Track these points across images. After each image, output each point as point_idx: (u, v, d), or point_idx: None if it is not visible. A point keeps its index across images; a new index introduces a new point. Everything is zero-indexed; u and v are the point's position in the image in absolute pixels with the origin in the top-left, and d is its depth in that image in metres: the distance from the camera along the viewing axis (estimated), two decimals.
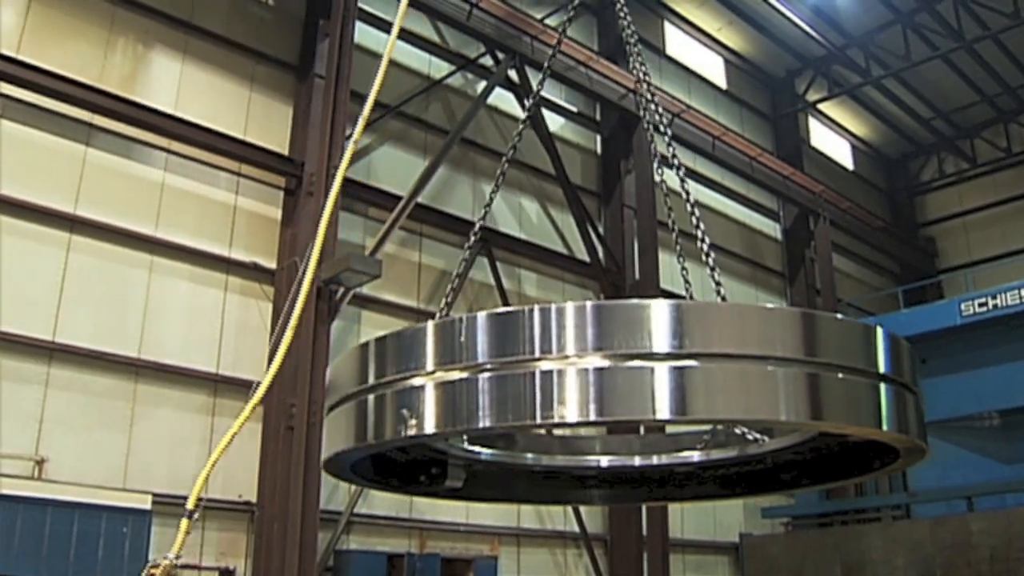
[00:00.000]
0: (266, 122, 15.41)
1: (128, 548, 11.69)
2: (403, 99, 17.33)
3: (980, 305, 17.47)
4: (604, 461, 6.54)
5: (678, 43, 25.25)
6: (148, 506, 12.10)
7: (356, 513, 14.95)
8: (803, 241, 26.04)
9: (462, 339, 4.12)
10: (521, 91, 18.95)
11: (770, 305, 4.39)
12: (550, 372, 3.91)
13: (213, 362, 13.93)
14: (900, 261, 30.13)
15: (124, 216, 13.41)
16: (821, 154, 29.42)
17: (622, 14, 8.15)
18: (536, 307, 4.05)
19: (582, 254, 19.61)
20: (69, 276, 12.81)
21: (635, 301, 4.14)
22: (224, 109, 14.94)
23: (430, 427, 4.14)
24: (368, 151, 16.69)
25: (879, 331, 4.29)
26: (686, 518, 20.28)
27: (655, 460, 6.41)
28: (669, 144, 6.92)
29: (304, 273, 7.40)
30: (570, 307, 4.00)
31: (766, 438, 5.69)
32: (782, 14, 24.09)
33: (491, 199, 7.82)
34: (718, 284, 6.14)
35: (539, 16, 19.63)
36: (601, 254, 19.77)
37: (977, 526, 15.72)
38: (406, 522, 15.62)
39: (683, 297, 6.81)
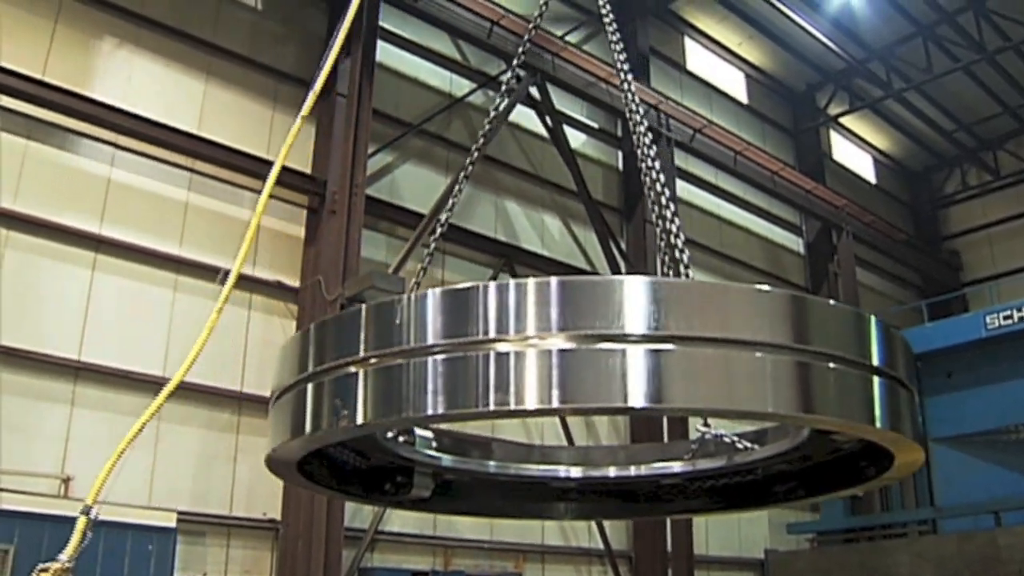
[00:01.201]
0: None
1: (154, 566, 11.74)
2: (425, 117, 17.39)
3: (1005, 318, 17.33)
4: (587, 472, 6.11)
5: (699, 59, 25.26)
6: (173, 524, 12.15)
7: (380, 531, 14.96)
8: (826, 255, 25.95)
9: (397, 322, 3.72)
10: (542, 108, 19.00)
11: (758, 286, 4.05)
12: (506, 354, 3.50)
13: (237, 380, 13.98)
14: (924, 274, 29.98)
15: (148, 235, 13.49)
16: (843, 168, 29.35)
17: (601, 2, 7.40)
18: (492, 283, 3.63)
19: (604, 270, 19.60)
20: (95, 295, 12.90)
21: (606, 277, 3.80)
22: (247, 129, 15.02)
23: (362, 418, 3.74)
24: (390, 169, 16.75)
25: (872, 320, 3.96)
26: (711, 534, 20.20)
27: (640, 471, 5.99)
28: (645, 134, 6.39)
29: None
30: (531, 283, 3.60)
31: (755, 446, 5.33)
32: (802, 28, 24.04)
33: (459, 191, 7.19)
34: (686, 268, 5.34)
35: (560, 33, 19.68)
36: (624, 270, 19.75)
37: (1005, 541, 15.57)
38: (430, 539, 15.61)
39: None
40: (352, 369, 3.83)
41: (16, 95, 12.53)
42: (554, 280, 3.58)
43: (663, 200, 5.83)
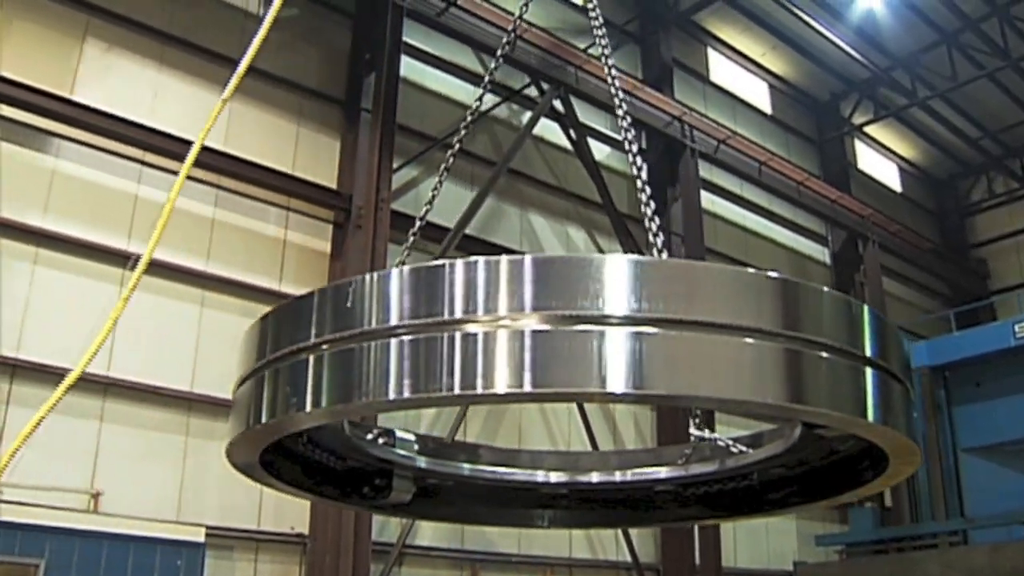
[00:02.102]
0: (314, 156, 15.56)
1: None
2: (449, 131, 17.43)
3: None
4: (576, 478, 5.88)
5: (722, 70, 25.25)
6: (201, 539, 12.20)
7: (408, 545, 14.96)
8: (852, 265, 25.83)
9: (348, 304, 3.57)
10: (566, 121, 19.04)
11: (749, 269, 3.83)
12: (474, 335, 3.30)
13: None
14: (951, 283, 29.80)
15: (176, 252, 13.56)
16: (868, 177, 29.24)
17: None
18: (460, 260, 3.43)
19: None
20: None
21: (585, 255, 3.62)
22: (272, 145, 15.10)
23: (310, 405, 3.58)
24: (415, 183, 16.80)
25: (865, 309, 3.79)
26: (739, 546, 20.13)
27: (632, 477, 5.77)
28: (622, 118, 6.18)
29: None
30: (504, 260, 3.40)
31: (750, 450, 5.14)
32: (825, 38, 23.97)
33: (434, 195, 6.97)
34: (659, 252, 5.13)
35: (583, 46, 19.70)
36: None
37: None
38: (458, 553, 15.61)
39: None
40: (303, 355, 3.67)
41: (43, 113, 12.65)
42: (528, 257, 3.41)
43: (639, 184, 5.73)
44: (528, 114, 18.74)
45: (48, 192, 12.76)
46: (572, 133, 19.17)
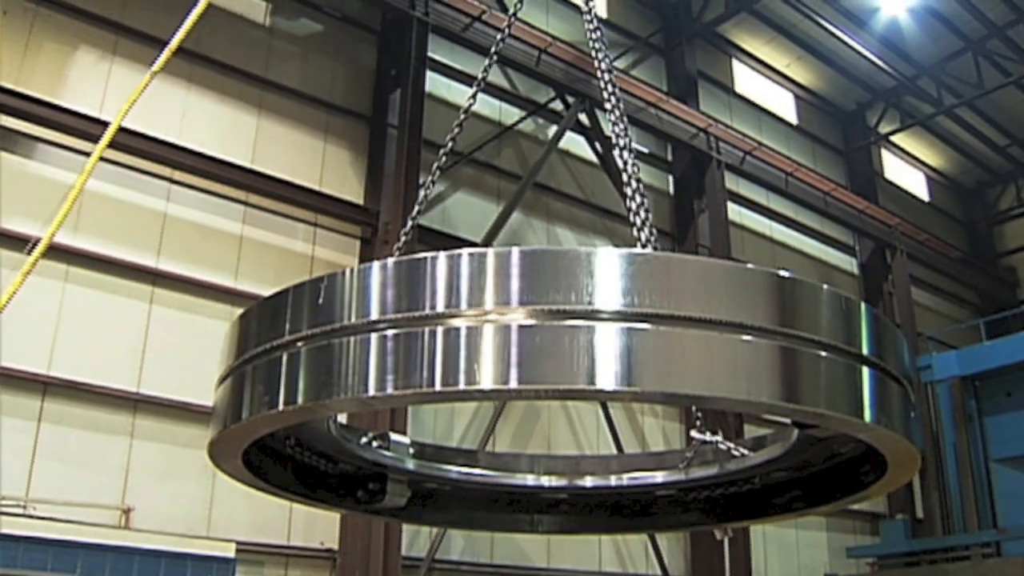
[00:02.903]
0: (341, 173, 15.64)
1: None
2: (475, 146, 17.49)
3: None
4: (575, 482, 5.75)
5: (747, 81, 25.23)
6: (232, 554, 12.21)
7: (437, 559, 14.96)
8: (880, 275, 25.70)
9: (320, 300, 3.47)
10: (592, 134, 19.07)
11: (744, 265, 3.71)
12: (457, 330, 3.20)
13: None
14: (980, 292, 29.62)
15: (204, 269, 13.66)
16: (896, 186, 29.11)
17: None
18: (443, 253, 3.36)
19: None
20: (152, 328, 13.07)
21: (575, 248, 3.41)
22: (299, 161, 15.19)
23: (283, 403, 3.49)
24: (442, 198, 16.86)
25: (862, 307, 3.67)
26: (769, 558, 20.03)
27: (632, 481, 5.66)
28: (616, 123, 5.97)
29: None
30: (491, 253, 3.30)
31: (750, 452, 5.03)
32: (850, 47, 23.92)
33: (425, 196, 6.85)
34: (644, 246, 5.02)
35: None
36: None
37: None
38: (488, 568, 15.60)
39: None
40: (277, 353, 3.60)
41: (74, 134, 12.76)
42: (515, 249, 3.30)
43: (625, 177, 5.56)
44: (554, 128, 18.78)
45: (78, 211, 12.84)
46: (598, 146, 19.19)
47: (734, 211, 21.70)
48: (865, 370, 3.56)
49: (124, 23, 13.97)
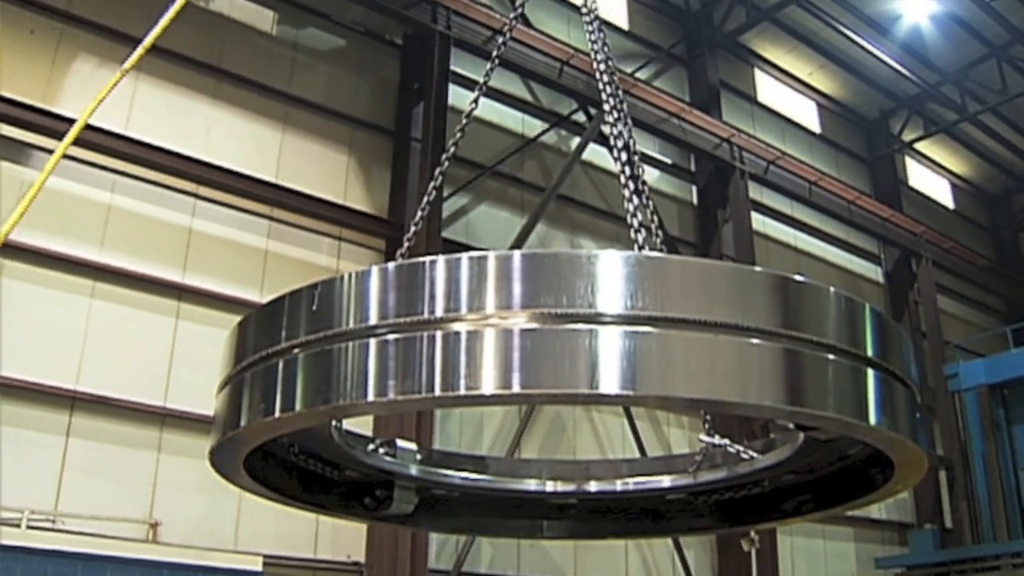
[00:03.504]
0: (365, 186, 15.70)
1: None
2: (499, 158, 17.51)
3: None
4: (583, 487, 5.74)
5: (770, 90, 25.20)
6: (259, 567, 12.24)
7: (463, 572, 14.95)
8: (906, 284, 25.54)
9: (313, 307, 3.47)
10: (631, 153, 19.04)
11: (745, 266, 3.64)
12: (458, 334, 3.18)
13: None
14: (1007, 300, 29.39)
15: (230, 283, 13.71)
16: (920, 194, 28.96)
17: None
18: (442, 256, 3.36)
19: None
20: (178, 343, 13.13)
21: (576, 251, 3.44)
22: (324, 175, 15.25)
23: (279, 410, 3.50)
24: (466, 211, 16.90)
25: (867, 308, 3.66)
26: (797, 569, 19.92)
27: (642, 486, 5.65)
28: (615, 124, 5.98)
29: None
30: (492, 256, 3.31)
31: (759, 455, 5.02)
32: (872, 55, 23.89)
33: (427, 201, 6.83)
34: (640, 248, 4.92)
35: (629, 70, 19.78)
36: None
37: None
38: None
39: None
40: (274, 360, 3.59)
41: (100, 150, 12.86)
42: (518, 253, 3.34)
43: (622, 179, 5.53)
44: (576, 139, 18.80)
45: (104, 227, 12.95)
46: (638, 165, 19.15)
47: (758, 221, 21.65)
48: (870, 372, 3.55)
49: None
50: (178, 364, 13.03)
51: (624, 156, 5.66)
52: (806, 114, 26.24)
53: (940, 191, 30.21)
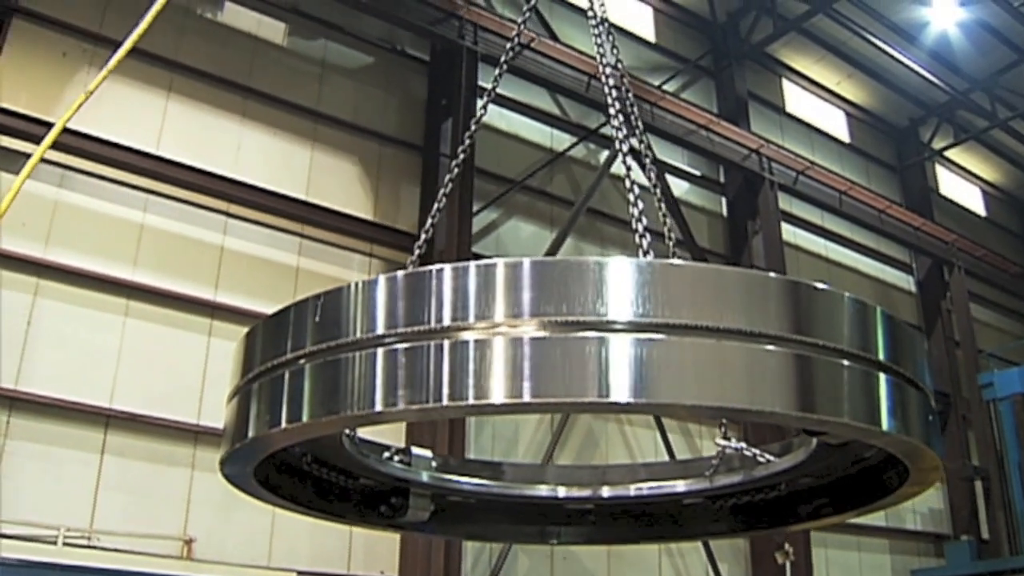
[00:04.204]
0: (394, 203, 15.75)
1: None
2: (527, 173, 17.54)
3: None
4: (603, 492, 5.71)
5: (798, 100, 25.12)
6: None
7: None
8: (938, 293, 25.33)
9: (316, 318, 3.47)
10: (643, 158, 19.03)
11: (755, 271, 3.58)
12: (466, 343, 3.16)
13: None
14: None
15: (262, 301, 13.74)
16: (952, 202, 28.73)
17: None
18: (449, 265, 3.34)
19: None
20: (211, 360, 13.20)
21: (585, 258, 3.37)
22: (353, 192, 15.32)
23: (285, 421, 3.50)
24: (496, 226, 16.92)
25: (878, 312, 3.63)
26: None
27: (658, 490, 5.61)
28: (619, 128, 5.91)
29: None
30: (500, 264, 3.28)
31: (774, 458, 5.02)
32: (901, 63, 23.74)
33: (438, 206, 6.77)
34: (645, 253, 4.82)
35: (656, 83, 19.77)
36: None
37: None
38: None
39: None
40: (280, 371, 3.59)
41: (133, 170, 12.99)
42: (527, 261, 3.29)
43: (627, 183, 5.56)
44: (605, 153, 18.79)
45: (137, 246, 13.05)
46: (656, 174, 19.16)
47: (788, 231, 21.57)
48: (882, 376, 3.53)
49: (179, 60, 14.18)
50: (211, 381, 13.09)
51: (629, 161, 5.80)
52: (835, 124, 26.14)
53: (971, 199, 29.99)
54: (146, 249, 13.07)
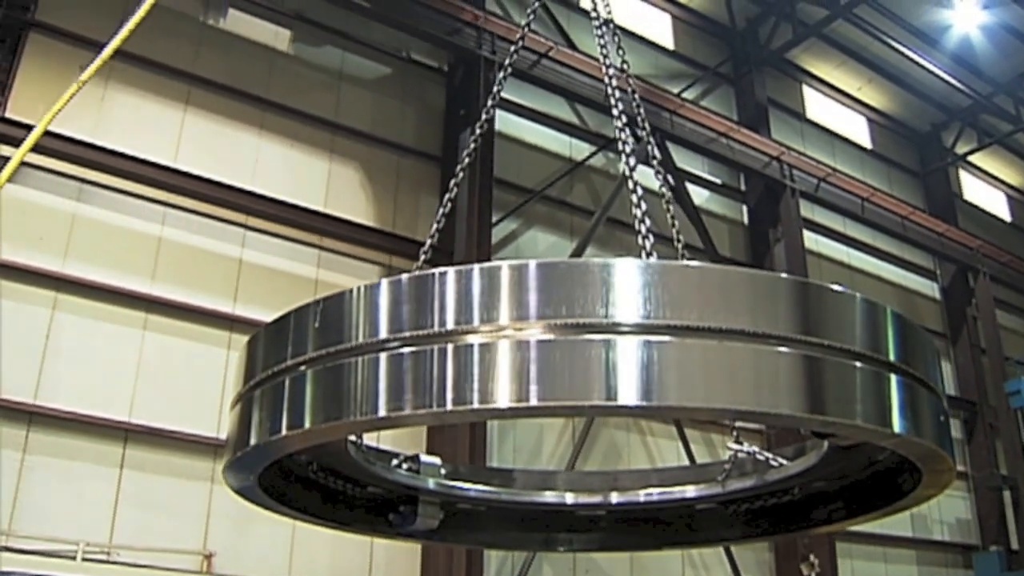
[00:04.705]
0: (413, 214, 15.71)
1: None
2: (547, 183, 17.47)
3: None
4: (613, 498, 5.67)
5: (819, 106, 24.99)
6: None
7: None
8: (964, 299, 25.10)
9: (316, 324, 3.49)
10: (663, 167, 18.97)
11: (764, 272, 3.57)
12: (470, 347, 3.13)
13: None
14: None
15: (280, 313, 13.72)
16: (976, 207, 28.52)
17: None
18: (452, 268, 3.30)
19: None
20: (230, 374, 13.13)
21: (591, 260, 3.42)
22: (372, 204, 15.29)
23: (285, 428, 3.48)
24: (515, 236, 16.86)
25: (888, 312, 3.58)
26: None
27: (671, 495, 5.57)
28: (622, 129, 5.83)
29: None
30: (505, 266, 3.24)
31: (787, 462, 4.98)
32: (922, 67, 23.55)
33: (444, 211, 6.69)
34: (648, 255, 4.78)
35: (676, 91, 19.68)
36: None
37: None
38: None
39: None
40: (281, 377, 3.59)
41: (151, 183, 12.98)
42: (532, 263, 3.25)
43: (631, 184, 5.62)
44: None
45: (156, 259, 13.03)
46: (670, 178, 19.09)
47: (810, 239, 21.43)
48: (893, 377, 3.49)
49: (197, 73, 14.18)
50: (230, 395, 13.02)
51: (632, 161, 5.75)
52: (856, 129, 25.99)
53: (996, 203, 29.76)
54: (164, 262, 13.06)
